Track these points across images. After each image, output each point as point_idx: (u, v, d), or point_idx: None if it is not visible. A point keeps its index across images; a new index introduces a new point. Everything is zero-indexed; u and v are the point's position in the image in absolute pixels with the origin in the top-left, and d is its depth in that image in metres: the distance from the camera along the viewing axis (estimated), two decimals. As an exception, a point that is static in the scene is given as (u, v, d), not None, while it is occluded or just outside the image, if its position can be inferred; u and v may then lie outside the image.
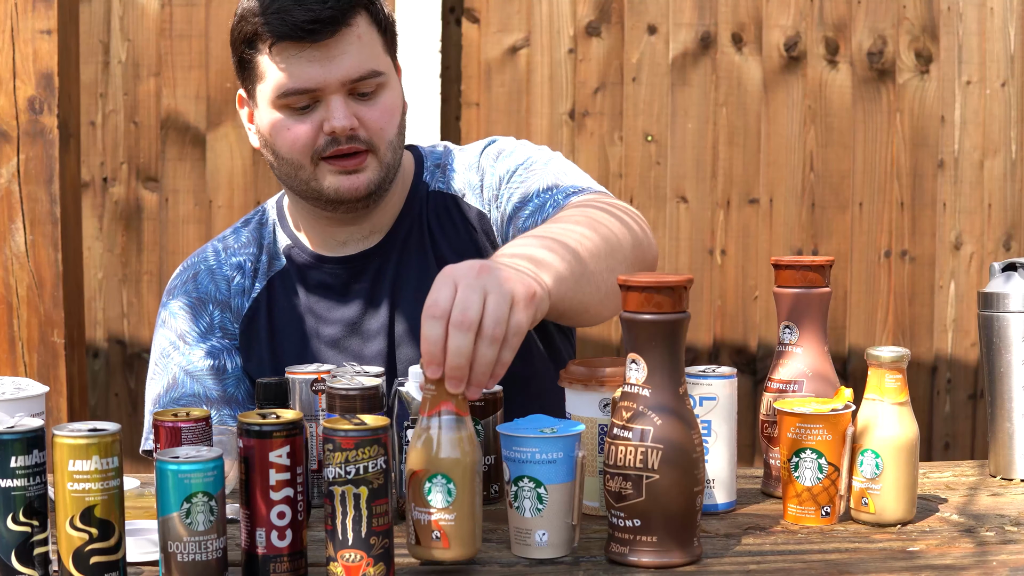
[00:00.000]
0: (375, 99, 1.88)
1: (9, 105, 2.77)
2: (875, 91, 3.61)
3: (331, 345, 1.95)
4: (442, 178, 2.01)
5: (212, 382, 1.94)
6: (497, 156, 2.00)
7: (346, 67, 1.83)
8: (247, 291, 1.98)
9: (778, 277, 1.74)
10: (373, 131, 1.87)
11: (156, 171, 3.51)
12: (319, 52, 1.82)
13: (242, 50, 1.87)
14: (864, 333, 3.64)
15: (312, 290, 1.97)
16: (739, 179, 3.60)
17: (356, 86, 1.85)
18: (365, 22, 1.86)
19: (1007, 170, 3.65)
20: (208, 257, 2.01)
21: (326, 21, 1.81)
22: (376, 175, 1.89)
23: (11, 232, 2.78)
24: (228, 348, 1.96)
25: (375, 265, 1.97)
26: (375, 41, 1.88)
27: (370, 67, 1.85)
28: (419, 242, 1.97)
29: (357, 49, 1.84)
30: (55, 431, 1.34)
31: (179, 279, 2.01)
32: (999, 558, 1.47)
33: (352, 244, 1.98)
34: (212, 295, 1.98)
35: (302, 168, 1.88)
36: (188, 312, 1.97)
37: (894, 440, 1.58)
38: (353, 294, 1.96)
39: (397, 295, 1.95)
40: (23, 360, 2.80)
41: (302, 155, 1.87)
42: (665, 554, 1.43)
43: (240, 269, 1.99)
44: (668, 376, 1.43)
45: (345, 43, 1.83)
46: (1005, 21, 3.62)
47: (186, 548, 1.34)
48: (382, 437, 1.35)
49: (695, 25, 3.56)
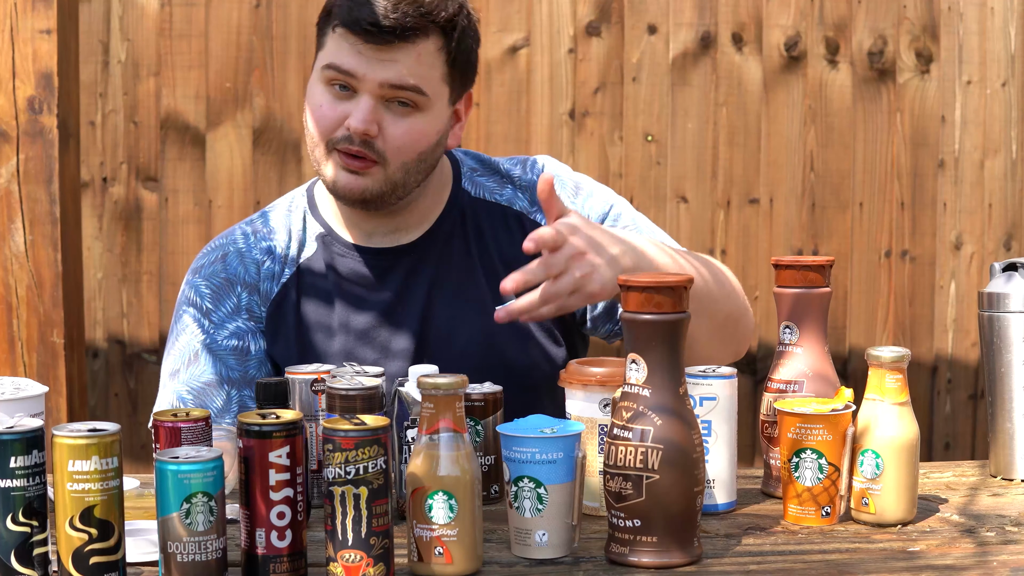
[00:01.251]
0: (406, 116, 1.86)
1: (9, 105, 2.77)
2: (875, 91, 3.61)
3: (360, 336, 1.95)
4: (488, 187, 2.02)
5: (235, 362, 1.94)
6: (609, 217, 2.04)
7: (388, 73, 1.83)
8: (276, 276, 1.98)
9: (778, 277, 1.74)
10: (390, 146, 1.86)
11: (156, 171, 3.51)
12: (371, 49, 1.83)
13: (321, 21, 1.90)
14: (864, 333, 3.64)
15: (344, 277, 1.97)
16: (739, 179, 3.60)
17: (392, 95, 1.85)
18: (433, 47, 1.85)
19: (1007, 170, 3.65)
20: (237, 239, 2.01)
21: (386, 29, 1.81)
22: (376, 186, 1.88)
23: (11, 232, 2.78)
24: (253, 330, 1.96)
25: (411, 261, 1.97)
26: (436, 66, 1.86)
27: (413, 82, 1.84)
28: (464, 247, 1.98)
29: (410, 62, 1.84)
30: (55, 431, 1.34)
31: (206, 259, 2.01)
32: (1000, 558, 1.46)
33: (378, 237, 1.98)
34: (241, 277, 1.97)
35: (318, 147, 1.89)
36: (215, 291, 1.97)
37: (894, 440, 1.58)
38: (386, 286, 1.96)
39: (434, 294, 1.96)
40: (23, 360, 2.79)
41: (321, 136, 1.88)
42: (665, 554, 1.43)
43: (270, 254, 1.99)
44: (668, 376, 1.43)
45: (400, 53, 1.83)
46: (1005, 21, 3.62)
47: (186, 548, 1.34)
48: (382, 437, 1.35)
49: (695, 25, 3.56)
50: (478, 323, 1.94)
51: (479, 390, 1.71)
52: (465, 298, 1.96)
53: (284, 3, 3.46)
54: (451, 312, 1.96)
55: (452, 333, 1.95)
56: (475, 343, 1.94)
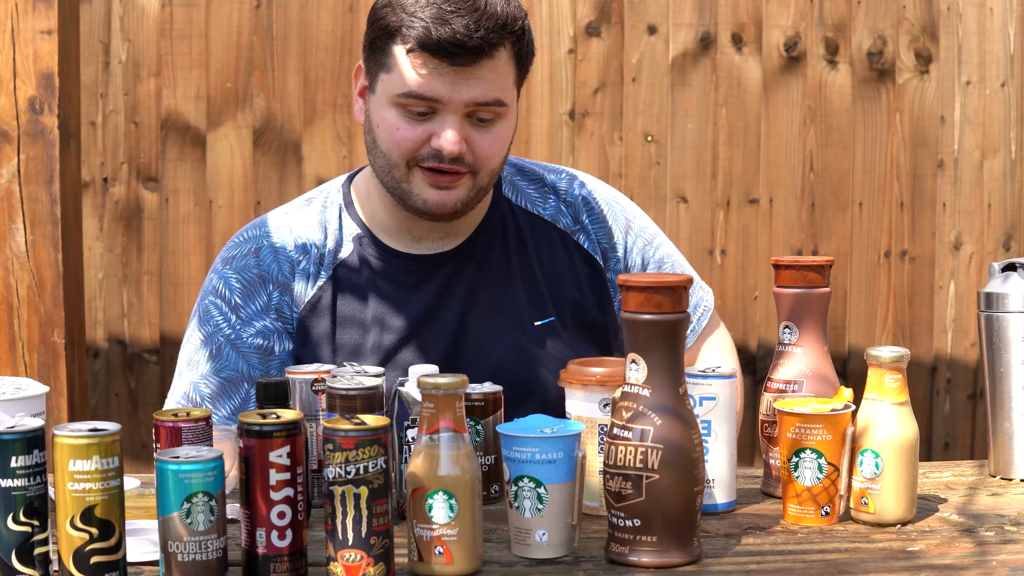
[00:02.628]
0: (491, 127, 1.85)
1: (9, 105, 2.77)
2: (875, 91, 3.61)
3: (395, 342, 1.92)
4: (526, 196, 2.01)
5: (258, 361, 1.90)
6: (645, 243, 2.05)
7: (474, 92, 1.81)
8: (312, 276, 1.93)
9: (778, 277, 1.74)
10: (480, 159, 1.85)
11: (156, 171, 3.51)
12: (454, 71, 1.80)
13: (379, 34, 1.84)
14: (864, 333, 3.64)
15: (381, 283, 1.94)
16: (739, 179, 3.60)
17: (477, 110, 1.83)
18: (508, 54, 1.84)
19: (1007, 170, 3.65)
20: (271, 233, 1.95)
21: (471, 49, 1.78)
22: (467, 195, 1.87)
23: (11, 232, 2.78)
24: (280, 331, 1.92)
25: (449, 269, 1.95)
26: (510, 73, 1.86)
27: (497, 96, 1.83)
28: (504, 258, 1.97)
29: (492, 78, 1.82)
30: (55, 431, 1.34)
31: (238, 249, 1.95)
32: (999, 558, 1.47)
33: (427, 243, 1.95)
34: (274, 276, 1.93)
35: (396, 167, 1.86)
36: (246, 287, 1.92)
37: (894, 440, 1.58)
38: (423, 293, 1.94)
39: (472, 301, 1.94)
40: (23, 360, 2.80)
41: (400, 157, 1.85)
42: (665, 554, 1.43)
43: (306, 252, 1.94)
44: (668, 376, 1.43)
45: (483, 70, 1.81)
46: (1005, 21, 3.62)
47: (186, 548, 1.34)
48: (382, 437, 1.36)
49: (695, 25, 3.56)
50: (511, 338, 1.93)
51: (479, 390, 1.71)
52: (501, 311, 1.95)
53: (284, 3, 3.46)
54: (485, 326, 1.93)
55: (486, 345, 1.93)
56: (508, 359, 1.92)
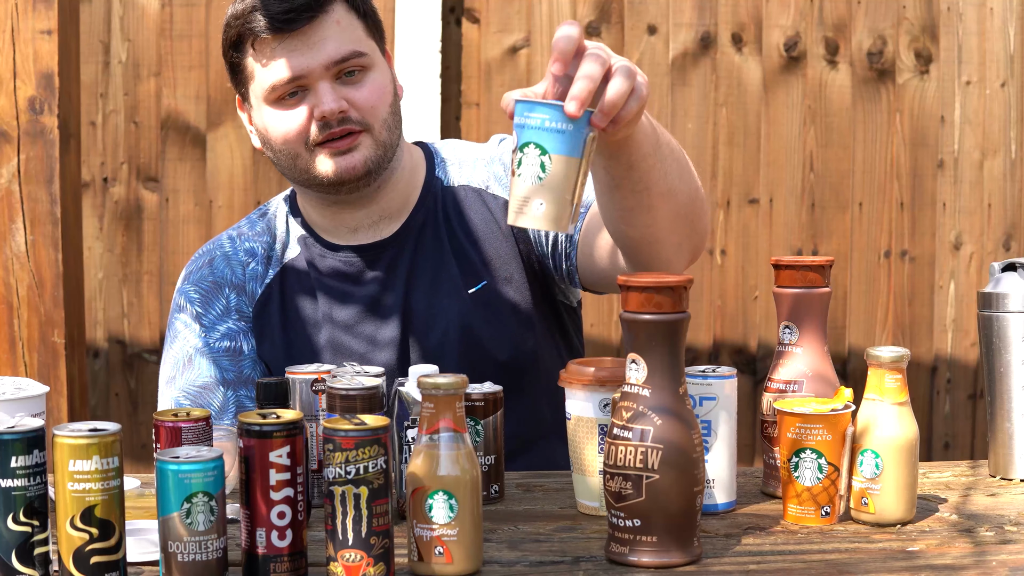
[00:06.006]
0: (363, 80, 1.91)
1: (9, 105, 2.77)
2: (875, 91, 3.61)
3: (344, 330, 1.98)
4: (459, 173, 2.04)
5: (229, 363, 1.98)
6: None
7: (328, 51, 1.87)
8: (260, 276, 2.02)
9: (778, 277, 1.74)
10: (364, 110, 1.90)
11: (156, 171, 3.51)
12: (299, 41, 1.87)
13: (231, 55, 1.94)
14: (864, 333, 3.64)
15: (326, 277, 2.00)
16: (739, 179, 3.60)
17: (341, 68, 1.89)
18: (342, 8, 1.90)
19: (1007, 170, 3.65)
20: (223, 244, 2.05)
21: (301, 9, 1.85)
22: (372, 152, 1.91)
23: (11, 232, 2.78)
24: (244, 330, 2.00)
25: (390, 254, 2.00)
26: (355, 25, 1.91)
27: (351, 48, 1.89)
28: (435, 233, 2.01)
29: (336, 33, 1.88)
30: (55, 431, 1.34)
31: (195, 264, 2.05)
32: (998, 558, 1.47)
33: (363, 232, 2.01)
34: (228, 279, 2.02)
35: (299, 157, 1.91)
36: (204, 295, 2.01)
37: (894, 440, 1.58)
38: (367, 281, 1.99)
39: (412, 283, 1.99)
40: (23, 360, 2.80)
41: (297, 144, 1.90)
42: (665, 554, 1.43)
43: (253, 255, 2.03)
44: (668, 376, 1.43)
45: (323, 29, 1.87)
46: (1005, 21, 3.62)
47: (186, 548, 1.34)
48: (382, 437, 1.36)
49: (695, 25, 3.57)
50: (454, 309, 1.97)
51: (479, 390, 1.71)
52: (440, 286, 1.99)
53: (284, 3, 3.46)
54: (428, 301, 1.98)
55: (431, 322, 1.98)
56: (453, 329, 1.97)
